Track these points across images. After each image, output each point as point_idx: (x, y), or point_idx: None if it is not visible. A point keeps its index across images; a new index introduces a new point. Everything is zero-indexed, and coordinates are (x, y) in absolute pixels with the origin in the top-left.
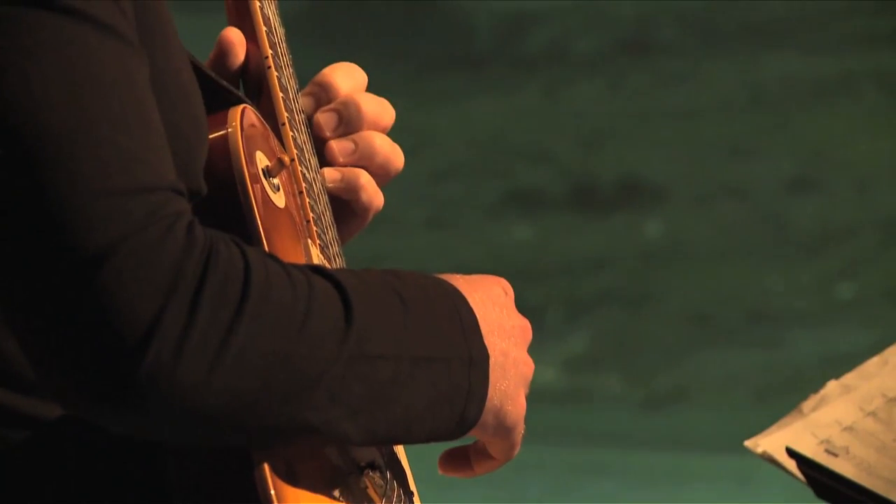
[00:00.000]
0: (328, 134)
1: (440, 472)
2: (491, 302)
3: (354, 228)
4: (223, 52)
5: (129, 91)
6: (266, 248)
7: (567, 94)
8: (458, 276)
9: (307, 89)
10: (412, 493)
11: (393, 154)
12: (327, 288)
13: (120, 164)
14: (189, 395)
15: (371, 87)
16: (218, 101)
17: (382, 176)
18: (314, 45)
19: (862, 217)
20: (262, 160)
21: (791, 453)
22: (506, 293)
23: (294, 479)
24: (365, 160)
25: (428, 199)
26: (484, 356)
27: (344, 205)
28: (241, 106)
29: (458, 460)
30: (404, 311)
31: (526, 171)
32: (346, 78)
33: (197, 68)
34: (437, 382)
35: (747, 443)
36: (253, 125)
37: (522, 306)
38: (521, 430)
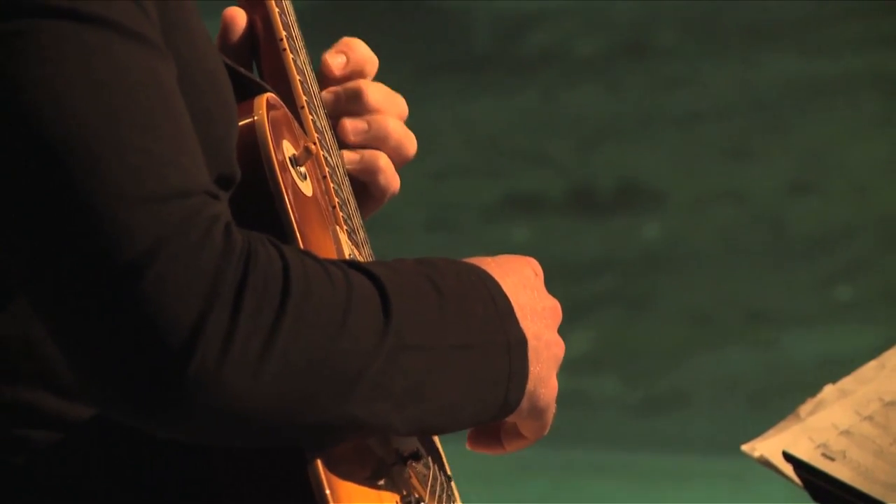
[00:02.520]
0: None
1: (469, 447)
2: (522, 285)
3: (369, 211)
4: (226, 28)
5: (157, 96)
6: (299, 238)
7: (566, 96)
8: (489, 259)
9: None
10: (450, 477)
11: (406, 138)
12: (365, 282)
13: (153, 170)
14: (236, 398)
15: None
16: (239, 90)
17: (395, 160)
18: (313, 46)
19: (860, 219)
20: (288, 148)
21: (788, 457)
22: (536, 274)
23: (343, 474)
24: (378, 141)
25: (427, 200)
26: (522, 340)
27: (360, 187)
28: (266, 94)
29: (489, 437)
30: (440, 301)
31: (525, 174)
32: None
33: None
34: (478, 369)
35: (744, 447)
36: (278, 112)
37: None
38: (552, 410)
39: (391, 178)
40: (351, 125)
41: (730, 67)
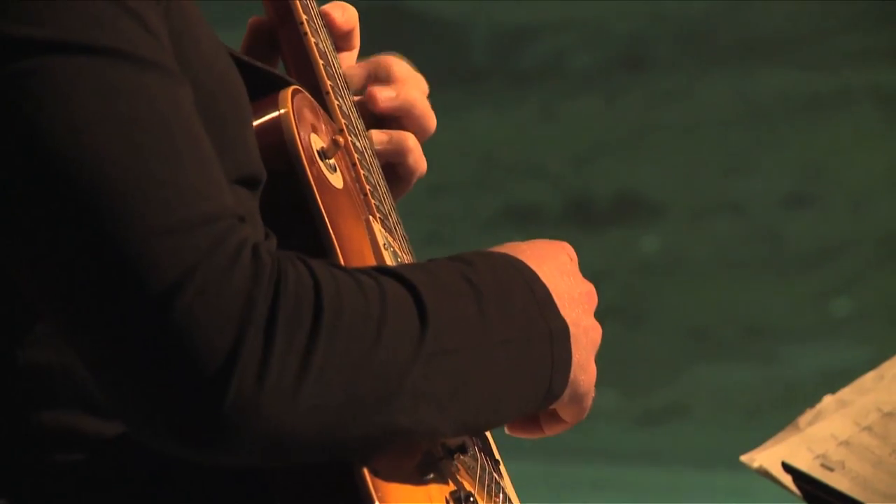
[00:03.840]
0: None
1: (508, 432)
2: (559, 271)
3: (398, 194)
4: (252, 34)
5: (177, 124)
6: (332, 233)
7: (564, 109)
8: (523, 245)
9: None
10: (498, 461)
11: (428, 111)
12: (398, 290)
13: (178, 200)
14: (277, 421)
15: None
16: (264, 86)
17: (419, 134)
18: None
19: (858, 233)
20: (316, 142)
21: (787, 468)
22: (571, 259)
23: (389, 472)
24: (404, 111)
25: (424, 213)
26: (564, 328)
27: (389, 168)
28: (291, 87)
29: (528, 422)
30: (478, 298)
31: (522, 186)
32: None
33: (239, 60)
34: (520, 362)
35: (743, 457)
36: (304, 105)
37: None
38: (592, 395)
39: (419, 159)
40: (380, 92)
41: (727, 81)
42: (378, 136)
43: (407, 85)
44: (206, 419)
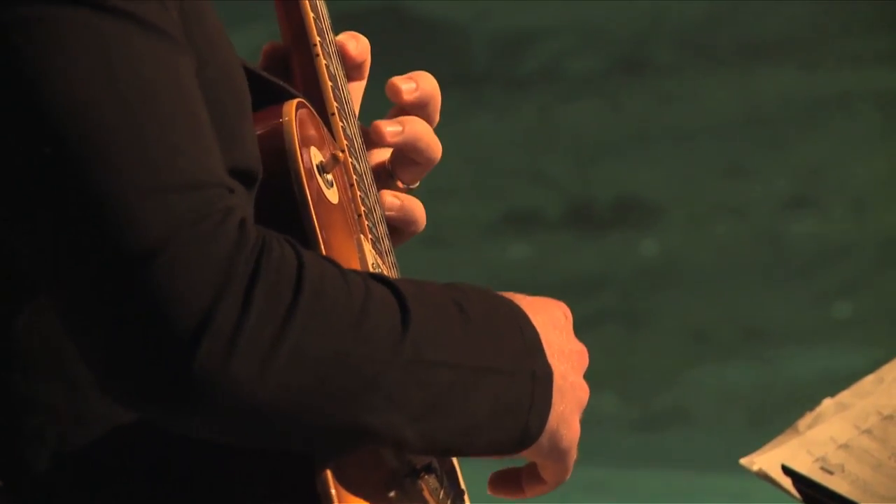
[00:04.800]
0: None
1: (489, 492)
2: (552, 324)
3: (394, 244)
4: (269, 59)
5: (176, 89)
6: (322, 245)
7: (564, 113)
8: (521, 295)
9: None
10: (463, 492)
11: (434, 142)
12: (384, 292)
13: (168, 161)
14: (243, 390)
15: (367, 107)
16: (271, 97)
17: (424, 164)
18: None
19: (859, 236)
20: (316, 155)
21: (787, 471)
22: (566, 317)
23: (353, 484)
24: (409, 144)
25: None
26: (548, 373)
27: (390, 225)
28: (296, 99)
29: (509, 482)
30: (464, 322)
31: (522, 190)
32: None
33: (249, 71)
34: (500, 394)
35: (743, 460)
36: (307, 119)
37: None
38: (574, 454)
39: (422, 224)
40: (386, 128)
41: (728, 83)
42: (389, 201)
43: (412, 117)
44: (172, 377)
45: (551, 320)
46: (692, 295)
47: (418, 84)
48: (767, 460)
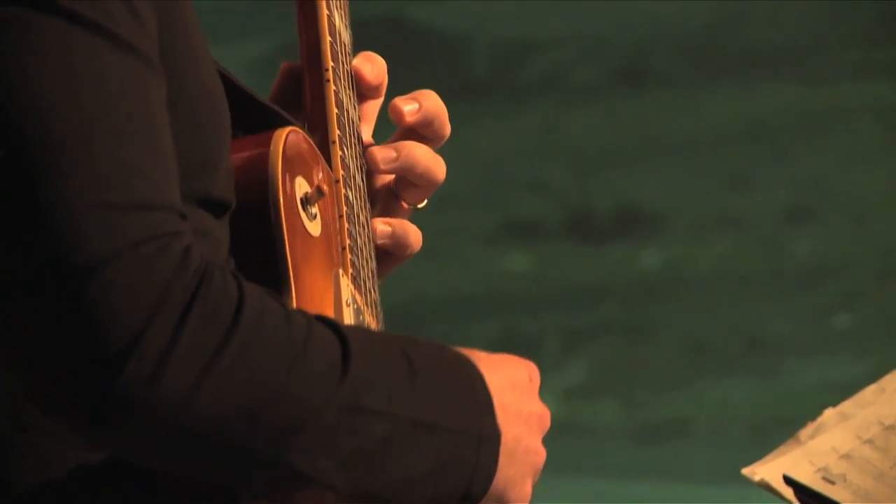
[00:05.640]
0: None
1: None
2: (511, 385)
3: (388, 268)
4: (285, 79)
5: (138, 107)
6: (292, 278)
7: (564, 123)
8: (483, 354)
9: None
10: None
11: (434, 164)
12: (328, 335)
13: (119, 177)
14: (165, 418)
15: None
16: (266, 123)
17: (425, 187)
18: None
19: (860, 248)
20: (301, 186)
21: (788, 481)
22: (531, 379)
23: None
24: (406, 170)
25: (425, 228)
26: (496, 435)
27: (382, 250)
28: (288, 128)
29: None
30: (410, 374)
31: (523, 201)
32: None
33: (246, 95)
34: (442, 452)
35: (745, 470)
36: (298, 148)
37: (520, 336)
38: None
39: (416, 249)
40: (380, 154)
41: (728, 95)
42: (381, 228)
43: (408, 142)
44: (95, 397)
45: (511, 381)
46: (693, 306)
47: (421, 104)
48: (769, 470)
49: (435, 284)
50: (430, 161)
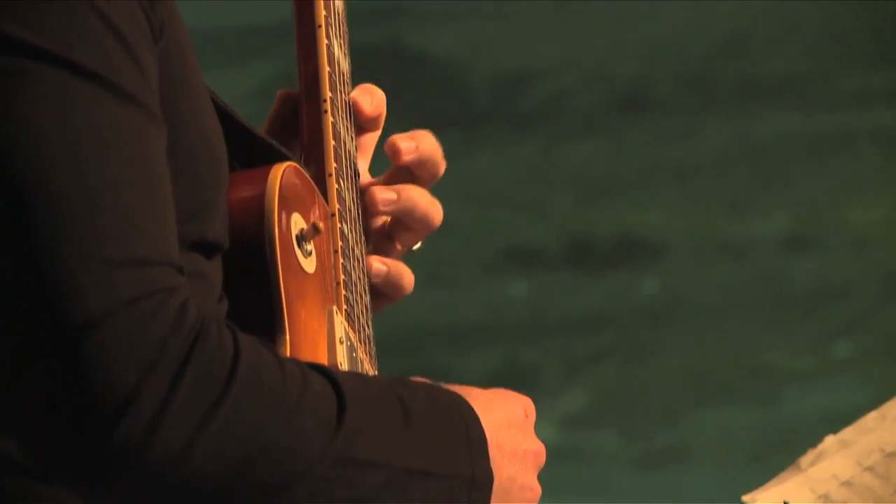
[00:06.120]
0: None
1: None
2: (506, 423)
3: (378, 306)
4: (282, 105)
5: (138, 159)
6: (285, 316)
7: (565, 150)
8: (478, 391)
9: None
10: None
11: (432, 209)
12: (323, 386)
13: (118, 232)
14: (160, 474)
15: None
16: (263, 157)
17: (420, 230)
18: None
19: (860, 275)
20: (297, 223)
21: None
22: (526, 415)
23: None
24: (405, 213)
25: (425, 255)
26: (488, 478)
27: (375, 289)
28: (285, 164)
29: None
30: (405, 421)
31: (523, 228)
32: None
33: (242, 127)
34: (434, 498)
35: (745, 498)
36: (294, 185)
37: (520, 364)
38: None
39: (409, 291)
40: (380, 196)
41: (729, 122)
42: (376, 268)
43: (408, 185)
44: (92, 454)
45: (507, 419)
46: (693, 333)
47: (418, 144)
48: (770, 497)
49: (435, 312)
50: (428, 205)
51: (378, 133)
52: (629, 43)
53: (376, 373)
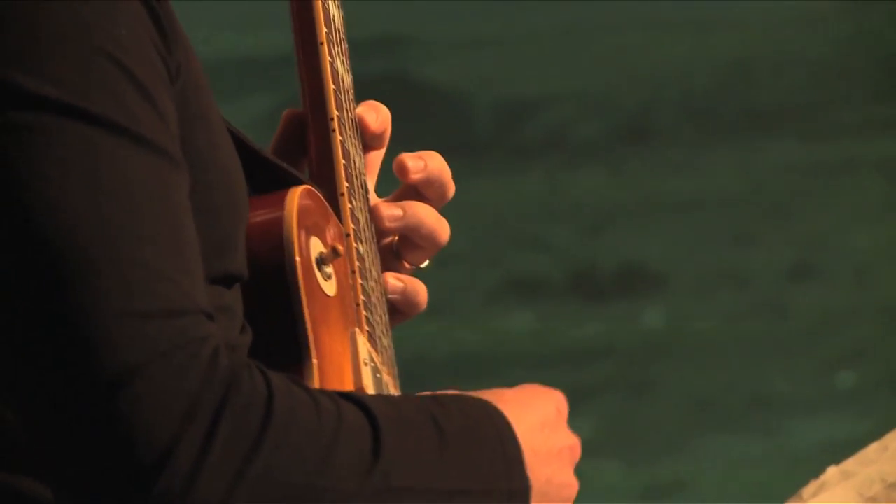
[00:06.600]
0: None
1: None
2: (540, 424)
3: (392, 325)
4: (287, 126)
5: (162, 207)
6: (311, 343)
7: (567, 180)
8: (509, 395)
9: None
10: None
11: (439, 226)
12: (357, 418)
13: (146, 284)
14: None
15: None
16: (274, 180)
17: (428, 248)
18: None
19: (862, 305)
20: (316, 246)
21: None
22: (559, 411)
23: None
24: (411, 230)
25: (428, 285)
26: (525, 487)
27: (391, 305)
28: (300, 188)
29: None
30: (441, 442)
31: (526, 258)
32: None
33: (255, 151)
34: None
35: None
36: (310, 207)
37: None
38: None
39: (423, 306)
40: (386, 212)
41: (731, 152)
42: (393, 284)
43: (414, 202)
44: None
45: (539, 420)
46: (696, 364)
47: (426, 163)
48: None
49: (437, 342)
50: (434, 222)
51: (383, 151)
52: (632, 73)
53: (399, 392)
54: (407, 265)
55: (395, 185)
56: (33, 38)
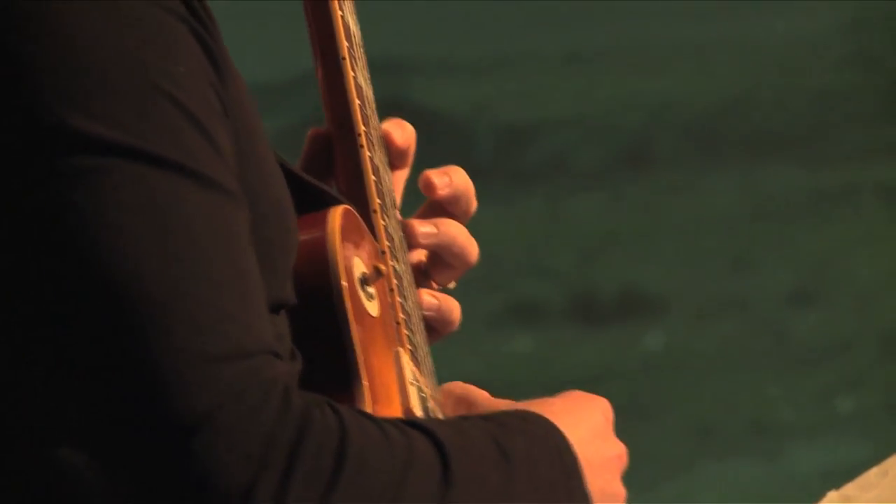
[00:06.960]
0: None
1: None
2: (592, 435)
3: (430, 341)
4: (313, 145)
5: (227, 246)
6: (361, 365)
7: (567, 206)
8: (559, 406)
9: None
10: None
11: (469, 244)
12: (426, 447)
13: (217, 328)
14: None
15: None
16: (314, 202)
17: (458, 267)
18: None
19: (862, 330)
20: (358, 266)
21: None
22: (606, 418)
23: None
24: (443, 247)
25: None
26: (585, 499)
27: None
28: (340, 207)
29: None
30: (506, 465)
31: (526, 283)
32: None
33: (291, 174)
34: None
35: None
36: (350, 228)
37: None
38: None
39: (457, 324)
40: (420, 229)
41: (732, 177)
42: (428, 301)
43: (446, 219)
44: None
45: (591, 431)
46: (696, 388)
47: (451, 178)
48: None
49: (438, 367)
50: (465, 240)
51: (407, 171)
52: (633, 98)
53: (442, 412)
54: (435, 285)
55: (416, 206)
56: (88, 78)
